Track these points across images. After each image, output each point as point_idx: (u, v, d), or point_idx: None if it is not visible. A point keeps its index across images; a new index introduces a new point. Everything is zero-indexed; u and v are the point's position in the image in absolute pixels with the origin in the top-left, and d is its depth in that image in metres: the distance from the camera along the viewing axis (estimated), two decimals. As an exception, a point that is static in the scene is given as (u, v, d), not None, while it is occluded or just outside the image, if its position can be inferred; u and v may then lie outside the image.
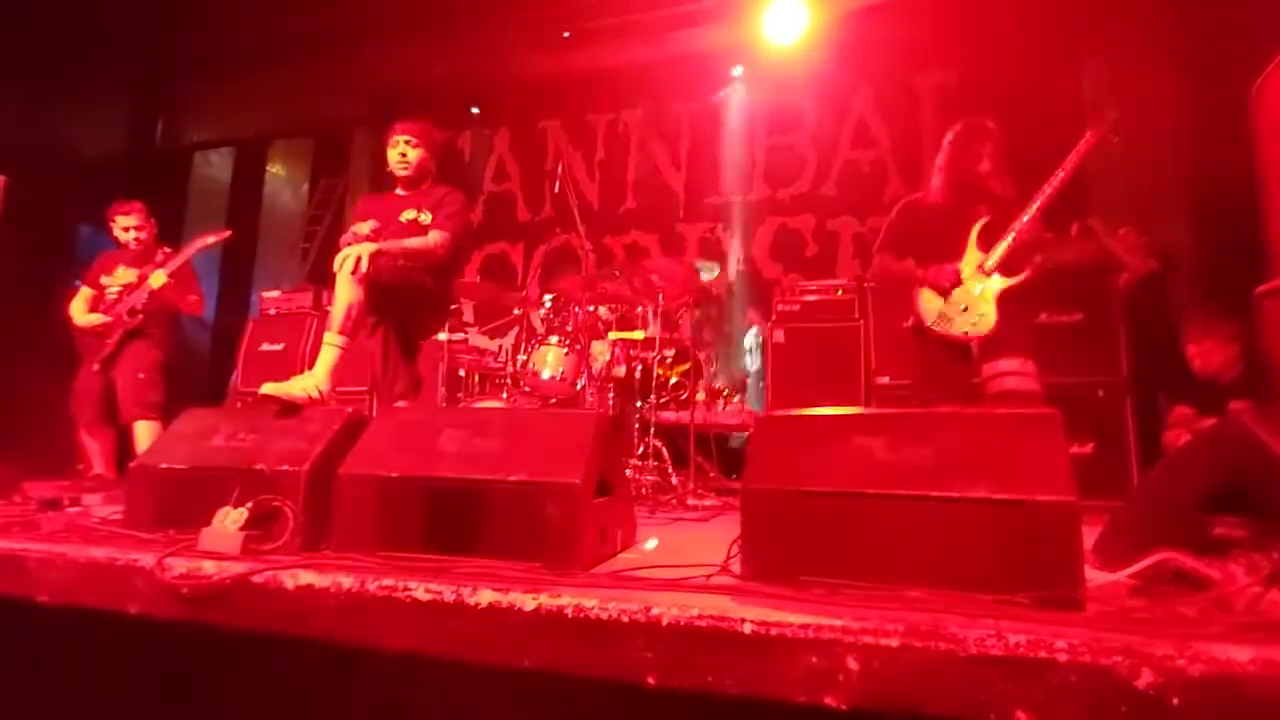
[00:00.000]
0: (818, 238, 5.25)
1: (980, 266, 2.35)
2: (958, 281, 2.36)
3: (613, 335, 3.61)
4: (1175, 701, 0.86)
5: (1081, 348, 3.25)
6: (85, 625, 1.45)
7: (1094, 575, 1.18)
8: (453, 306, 3.66)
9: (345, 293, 2.16)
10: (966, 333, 2.35)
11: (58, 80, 5.43)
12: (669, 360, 4.07)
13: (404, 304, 2.44)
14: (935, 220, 2.47)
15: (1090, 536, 1.36)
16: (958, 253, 2.40)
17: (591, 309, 3.65)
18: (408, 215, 2.54)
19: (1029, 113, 3.62)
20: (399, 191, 2.69)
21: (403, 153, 2.62)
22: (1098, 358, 3.23)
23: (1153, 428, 3.11)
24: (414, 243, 2.41)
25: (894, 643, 0.95)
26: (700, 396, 3.99)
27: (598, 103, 5.89)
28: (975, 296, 2.34)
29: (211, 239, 3.36)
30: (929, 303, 2.44)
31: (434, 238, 2.44)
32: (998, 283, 2.33)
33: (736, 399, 4.36)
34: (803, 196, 5.35)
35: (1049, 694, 0.89)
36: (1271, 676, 0.85)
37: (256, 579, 1.30)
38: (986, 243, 2.36)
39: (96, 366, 3.16)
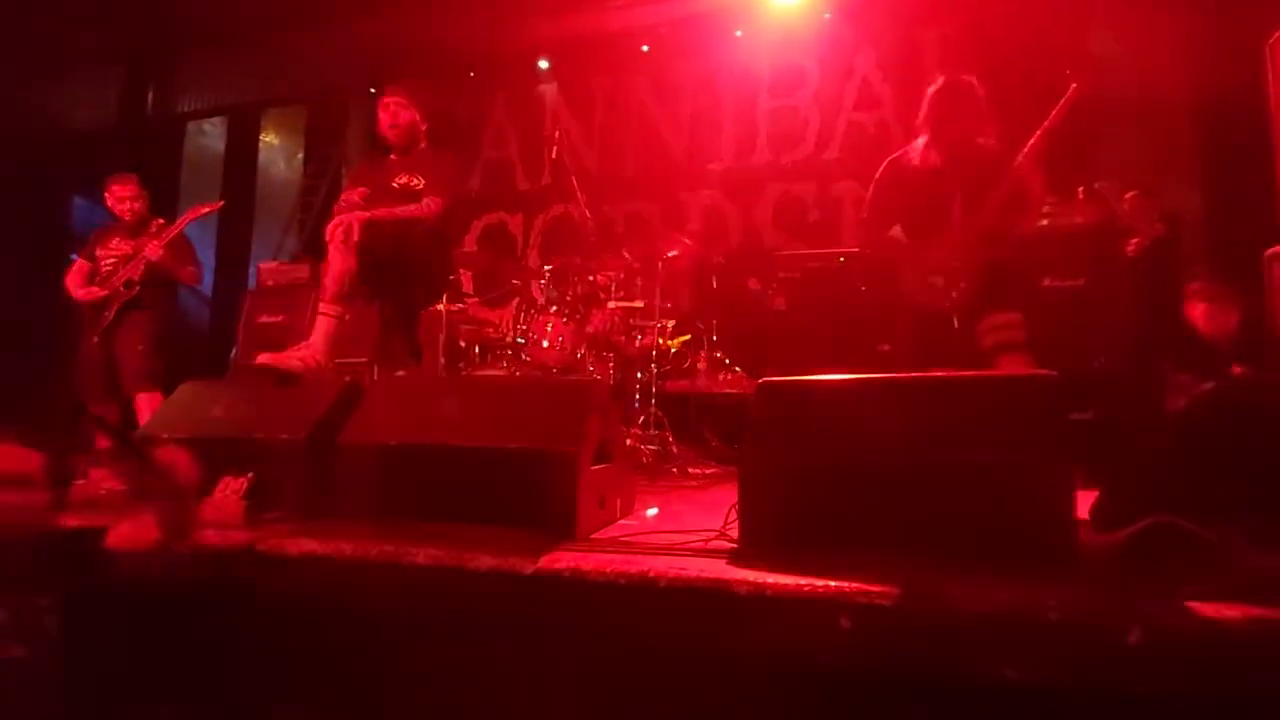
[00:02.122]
0: (820, 204, 5.18)
1: (963, 237, 2.32)
2: (941, 259, 2.34)
3: (613, 304, 3.59)
4: (1164, 658, 0.87)
5: (1084, 313, 3.22)
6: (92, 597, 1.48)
7: (1089, 537, 1.19)
8: (451, 276, 3.64)
9: (338, 262, 2.16)
10: (947, 305, 2.34)
11: (45, 52, 5.32)
12: (670, 330, 4.05)
13: (399, 273, 2.43)
14: (919, 182, 2.42)
15: (1089, 501, 1.37)
16: (942, 217, 2.36)
17: (591, 278, 3.63)
18: (400, 181, 2.51)
19: (1033, 65, 3.52)
20: (392, 157, 2.66)
21: (393, 114, 2.58)
22: (1101, 323, 3.20)
23: (1156, 396, 3.10)
24: (406, 209, 2.39)
25: (887, 603, 0.96)
26: (701, 366, 3.99)
27: (597, 65, 5.76)
28: (959, 268, 2.32)
29: (205, 210, 3.33)
30: (913, 275, 2.42)
31: (427, 204, 2.41)
32: (981, 254, 2.30)
33: (737, 369, 4.36)
34: (805, 161, 5.25)
35: (1039, 651, 0.90)
36: (1261, 636, 0.86)
37: (259, 547, 1.32)
38: (970, 209, 2.32)
39: (96, 339, 3.17)
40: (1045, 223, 3.38)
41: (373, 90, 5.73)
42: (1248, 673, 0.86)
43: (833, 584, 1.00)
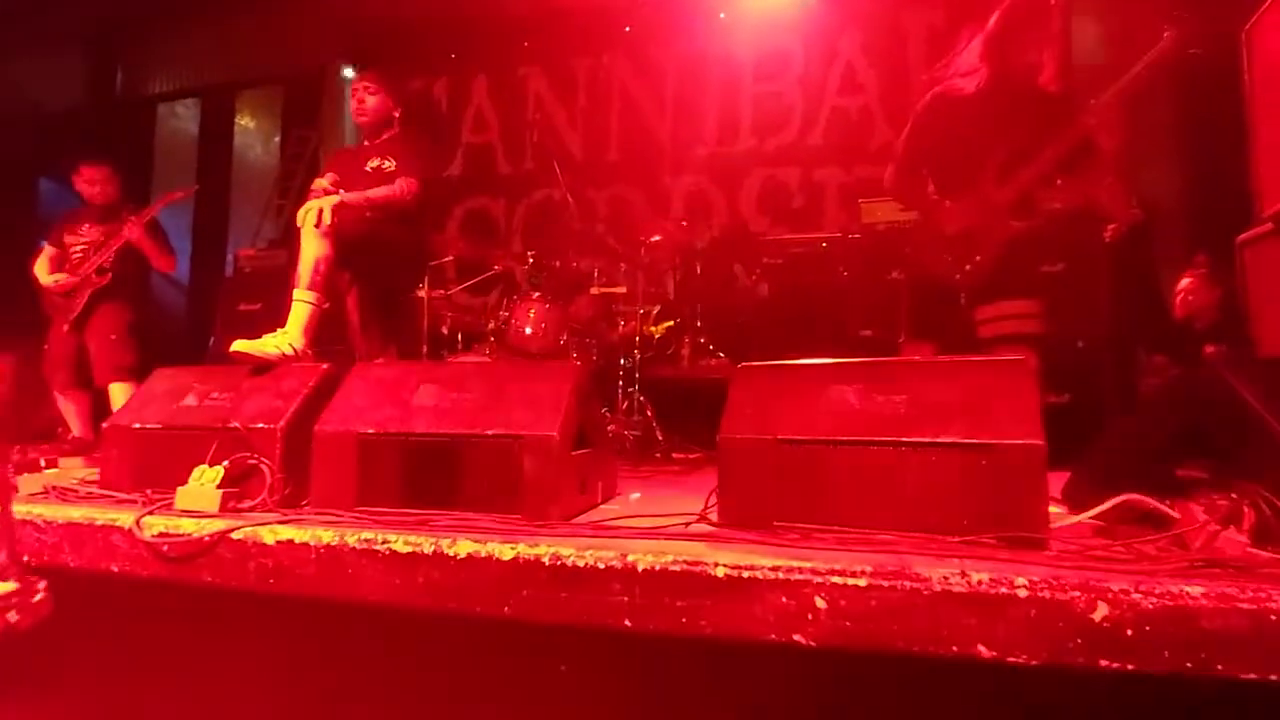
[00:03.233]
0: (804, 189, 5.18)
1: (991, 204, 2.04)
2: (964, 226, 2.08)
3: (596, 290, 3.58)
4: (1129, 633, 0.90)
5: (1062, 299, 3.24)
6: (68, 588, 1.46)
7: (1059, 517, 1.21)
8: (433, 262, 3.60)
9: (311, 247, 2.12)
10: (959, 278, 2.12)
11: (8, 30, 5.13)
12: (653, 315, 4.05)
13: (373, 258, 2.40)
14: (963, 126, 2.08)
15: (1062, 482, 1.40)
16: (974, 176, 2.06)
17: (574, 264, 3.61)
18: (373, 164, 2.48)
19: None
20: (365, 142, 2.62)
21: (360, 99, 2.55)
22: (1078, 309, 3.24)
23: (1131, 379, 3.16)
24: (378, 192, 2.36)
25: (861, 582, 0.97)
26: (685, 352, 3.99)
27: (578, 47, 5.68)
28: (977, 239, 2.06)
29: (179, 195, 3.26)
30: (928, 240, 2.20)
31: (399, 185, 2.38)
32: (1005, 226, 2.03)
33: (721, 354, 4.37)
34: (789, 146, 5.25)
35: (1009, 628, 0.92)
36: (1222, 609, 0.88)
37: (236, 535, 1.31)
38: (1005, 175, 2.03)
39: (66, 328, 3.10)
40: (1062, 200, 3.37)
41: (349, 72, 5.61)
42: (1210, 646, 0.88)
43: (808, 565, 1.01)
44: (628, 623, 1.09)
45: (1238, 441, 1.16)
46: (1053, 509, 1.18)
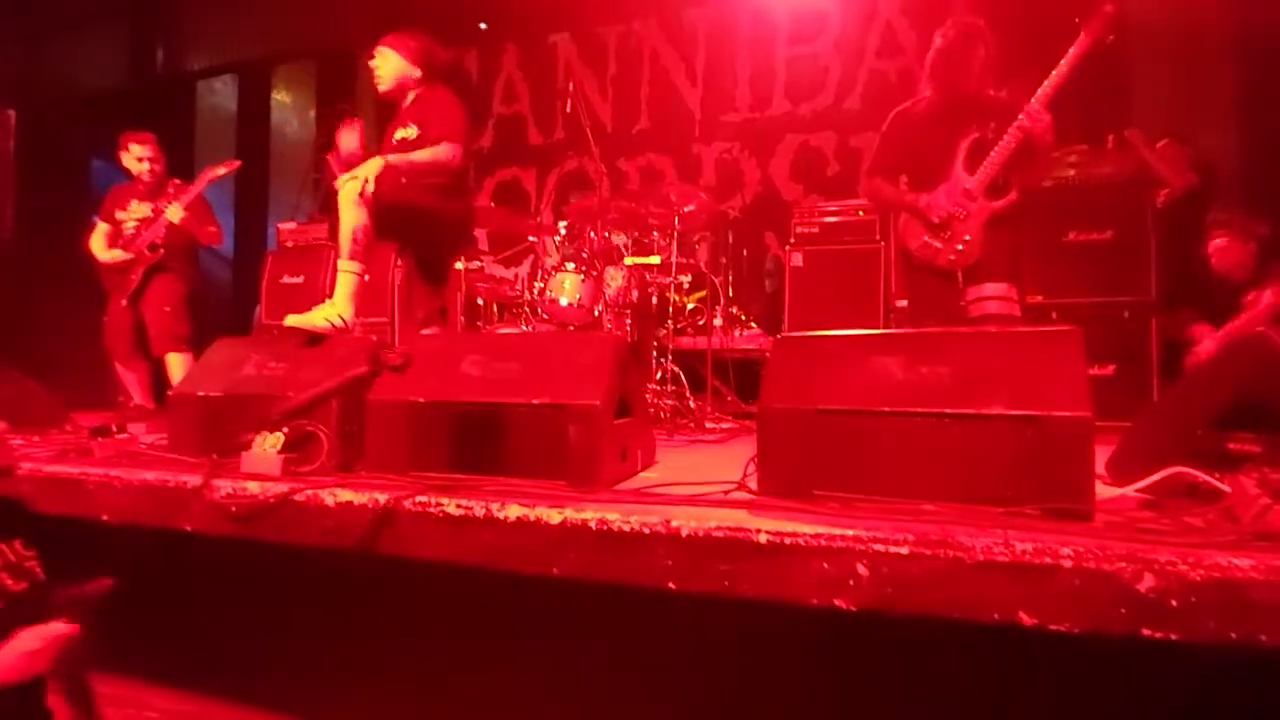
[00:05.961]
0: (840, 156, 5.05)
1: (966, 189, 2.26)
2: (946, 214, 2.28)
3: (629, 260, 3.58)
4: (1174, 604, 0.90)
5: (1110, 267, 3.15)
6: (140, 543, 1.56)
7: (1106, 489, 1.21)
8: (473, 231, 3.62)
9: (349, 217, 2.12)
10: (951, 260, 2.29)
11: (53, 12, 5.25)
12: (685, 286, 4.04)
13: (416, 227, 2.38)
14: (925, 133, 2.37)
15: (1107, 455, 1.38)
16: (946, 169, 2.31)
17: (607, 234, 3.60)
18: (400, 134, 2.42)
19: (1067, 10, 3.35)
20: (400, 109, 2.55)
21: (375, 66, 2.48)
22: (1126, 278, 3.14)
23: (1178, 350, 3.06)
24: (422, 155, 2.30)
25: (904, 550, 0.99)
26: (718, 322, 3.99)
27: (608, 13, 5.58)
28: (961, 222, 2.26)
29: (222, 170, 3.34)
30: (914, 229, 2.37)
31: (443, 150, 2.30)
32: (984, 207, 2.25)
33: (754, 324, 4.35)
34: (825, 112, 5.11)
35: (1052, 597, 0.93)
36: (1272, 582, 0.88)
37: (298, 497, 1.38)
38: (973, 162, 2.27)
39: (125, 302, 3.24)
40: (1072, 173, 3.28)
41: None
42: (1259, 620, 0.88)
43: (850, 532, 1.03)
44: (671, 585, 1.13)
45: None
46: (1098, 482, 1.17)
